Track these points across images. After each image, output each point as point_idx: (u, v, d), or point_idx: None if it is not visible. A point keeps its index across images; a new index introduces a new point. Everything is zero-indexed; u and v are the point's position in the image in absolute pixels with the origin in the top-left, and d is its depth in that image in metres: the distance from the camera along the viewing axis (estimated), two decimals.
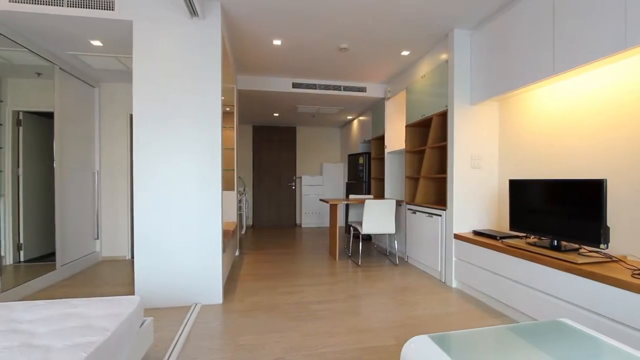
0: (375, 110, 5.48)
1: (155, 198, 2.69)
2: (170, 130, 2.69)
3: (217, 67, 2.74)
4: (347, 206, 5.46)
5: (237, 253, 4.56)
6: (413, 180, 4.24)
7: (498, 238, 2.73)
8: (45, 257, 3.69)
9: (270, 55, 3.87)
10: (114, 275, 3.61)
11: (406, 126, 4.24)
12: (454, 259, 3.16)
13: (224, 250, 2.85)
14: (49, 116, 3.58)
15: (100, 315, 1.54)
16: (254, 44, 3.53)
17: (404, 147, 4.40)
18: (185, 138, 2.71)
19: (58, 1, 2.48)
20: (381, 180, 5.46)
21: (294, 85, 4.69)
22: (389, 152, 4.95)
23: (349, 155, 6.79)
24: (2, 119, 2.95)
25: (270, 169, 7.72)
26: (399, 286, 3.22)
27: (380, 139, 5.37)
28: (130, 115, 4.29)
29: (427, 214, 3.63)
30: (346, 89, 4.85)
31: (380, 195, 5.51)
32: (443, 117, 3.55)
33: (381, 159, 5.43)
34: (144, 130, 2.67)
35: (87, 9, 2.52)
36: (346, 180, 7.18)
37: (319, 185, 7.53)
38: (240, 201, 5.76)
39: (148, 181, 2.68)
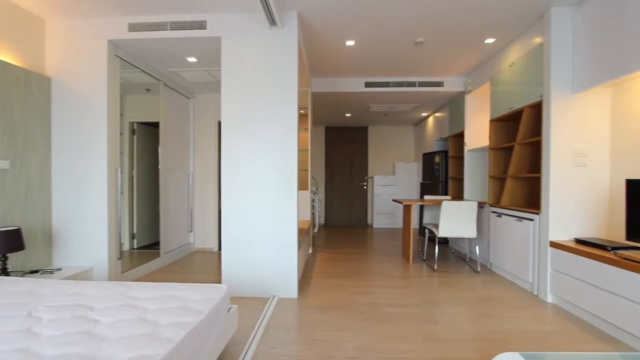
0: (454, 105, 5.12)
1: (239, 197, 2.94)
2: (253, 134, 2.92)
3: (293, 73, 2.88)
4: (421, 207, 5.22)
5: (310, 251, 4.72)
6: (498, 180, 3.85)
7: (610, 249, 2.31)
8: (152, 246, 4.33)
9: (343, 56, 3.91)
10: (204, 265, 4.06)
11: (490, 121, 3.87)
12: (549, 269, 2.78)
13: (299, 247, 2.98)
14: (155, 125, 4.18)
15: (196, 299, 1.74)
16: (327, 46, 3.60)
17: (486, 144, 4.02)
18: (265, 141, 2.91)
19: (163, 27, 2.90)
20: (459, 180, 5.08)
21: (367, 85, 4.66)
22: (468, 150, 4.58)
23: (424, 154, 6.48)
24: (122, 129, 3.54)
25: (342, 169, 7.81)
26: (481, 296, 2.96)
27: (459, 136, 5.01)
28: (218, 122, 4.76)
29: (515, 218, 3.26)
30: (421, 84, 4.64)
31: (458, 196, 5.14)
32: (536, 108, 3.15)
33: (460, 158, 5.05)
34: (230, 135, 2.94)
35: (185, 30, 2.90)
36: (420, 180, 6.86)
37: (391, 185, 7.35)
38: (313, 200, 5.95)
39: (233, 181, 2.95)
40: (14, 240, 2.42)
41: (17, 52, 2.75)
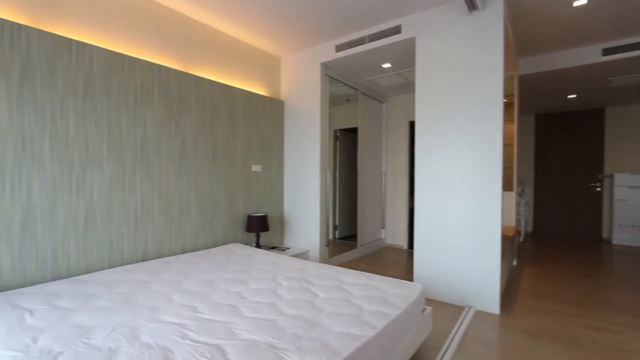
0: None
1: (433, 196, 2.87)
2: (448, 130, 2.78)
3: (497, 58, 2.53)
4: None
5: (514, 262, 4.04)
6: None
7: None
8: (349, 238, 4.90)
9: (567, 23, 3.10)
10: (394, 261, 4.22)
11: None
12: None
13: (502, 257, 2.60)
14: (352, 131, 4.71)
15: (393, 292, 1.83)
16: (544, 15, 2.95)
17: None
18: (463, 137, 2.71)
19: (362, 41, 3.22)
20: None
21: (606, 52, 3.49)
22: None
23: None
24: (330, 136, 4.18)
25: (560, 165, 6.21)
26: None
27: None
28: (409, 122, 4.83)
29: None
30: None
31: None
32: None
33: None
34: (423, 133, 2.92)
35: (382, 39, 3.10)
36: None
37: None
38: (518, 204, 5.04)
39: (426, 180, 2.91)
40: (263, 223, 3.33)
41: (265, 85, 3.77)
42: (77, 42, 2.19)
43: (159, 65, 2.65)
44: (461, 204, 2.72)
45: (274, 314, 1.57)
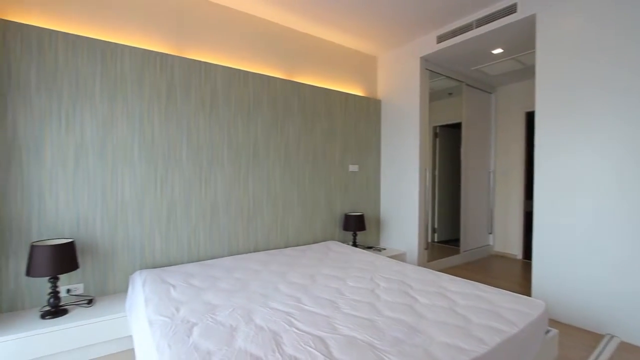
0: None
1: (558, 198, 2.44)
2: (579, 121, 2.33)
3: None
4: None
5: None
6: None
7: None
8: (449, 242, 4.55)
9: None
10: (505, 271, 3.73)
11: None
12: None
13: None
14: (454, 127, 4.35)
15: (507, 307, 1.62)
16: None
17: None
18: (600, 129, 2.22)
19: (469, 28, 2.94)
20: None
21: None
22: None
23: None
24: (429, 133, 3.96)
25: None
26: None
27: None
28: (526, 113, 4.20)
29: None
30: None
31: None
32: None
33: None
34: (547, 126, 2.50)
35: (493, 22, 2.77)
36: None
37: None
38: None
39: (552, 181, 2.49)
40: (360, 222, 3.36)
41: (362, 85, 3.79)
42: (206, 63, 2.60)
43: (267, 76, 2.93)
44: (601, 209, 2.23)
45: (373, 314, 1.57)
